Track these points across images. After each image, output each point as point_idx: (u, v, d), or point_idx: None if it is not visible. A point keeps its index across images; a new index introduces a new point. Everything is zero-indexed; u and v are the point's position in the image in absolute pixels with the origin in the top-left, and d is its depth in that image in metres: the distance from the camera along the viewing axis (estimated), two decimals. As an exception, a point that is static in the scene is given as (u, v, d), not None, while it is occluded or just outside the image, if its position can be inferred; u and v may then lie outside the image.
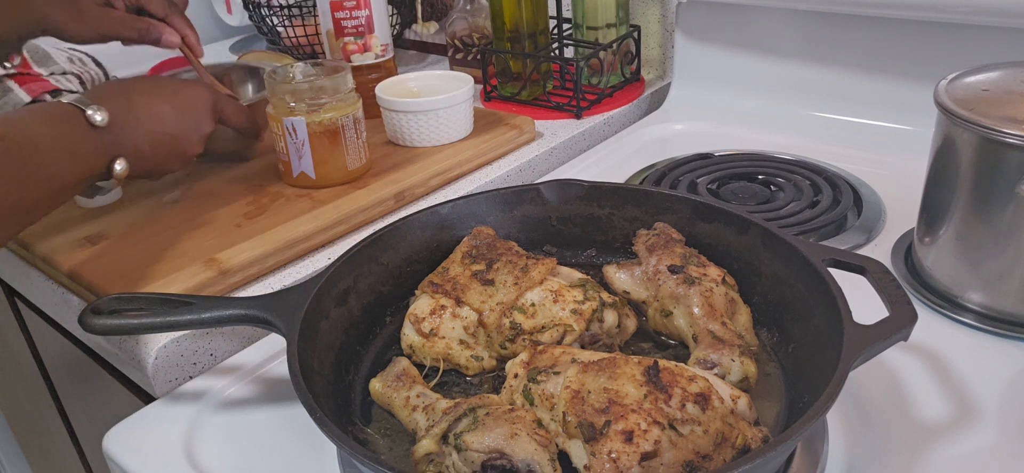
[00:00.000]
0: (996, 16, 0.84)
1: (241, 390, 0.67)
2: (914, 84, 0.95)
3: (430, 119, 0.99)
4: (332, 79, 0.88)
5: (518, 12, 1.10)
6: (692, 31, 1.14)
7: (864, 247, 0.79)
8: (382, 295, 0.69)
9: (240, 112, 0.88)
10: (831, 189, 0.88)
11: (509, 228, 0.74)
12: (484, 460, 0.49)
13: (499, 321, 0.62)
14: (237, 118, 0.88)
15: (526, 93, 1.16)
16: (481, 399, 0.53)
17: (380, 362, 0.65)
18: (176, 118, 0.78)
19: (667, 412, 0.48)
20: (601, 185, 0.74)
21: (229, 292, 0.76)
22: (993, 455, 0.54)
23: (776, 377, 0.60)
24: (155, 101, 0.77)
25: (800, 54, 1.05)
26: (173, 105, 0.78)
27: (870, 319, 0.51)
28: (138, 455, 0.60)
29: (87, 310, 0.61)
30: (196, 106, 0.80)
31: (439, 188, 0.94)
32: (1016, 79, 0.66)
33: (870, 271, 0.57)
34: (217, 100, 0.84)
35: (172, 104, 0.78)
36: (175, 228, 0.83)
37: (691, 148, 1.03)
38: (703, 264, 0.65)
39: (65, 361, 0.98)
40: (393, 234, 0.70)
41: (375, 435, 0.57)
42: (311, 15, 1.38)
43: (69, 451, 1.22)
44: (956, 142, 0.65)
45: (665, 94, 1.20)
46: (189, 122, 0.79)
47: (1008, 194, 0.62)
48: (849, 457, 0.55)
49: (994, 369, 0.62)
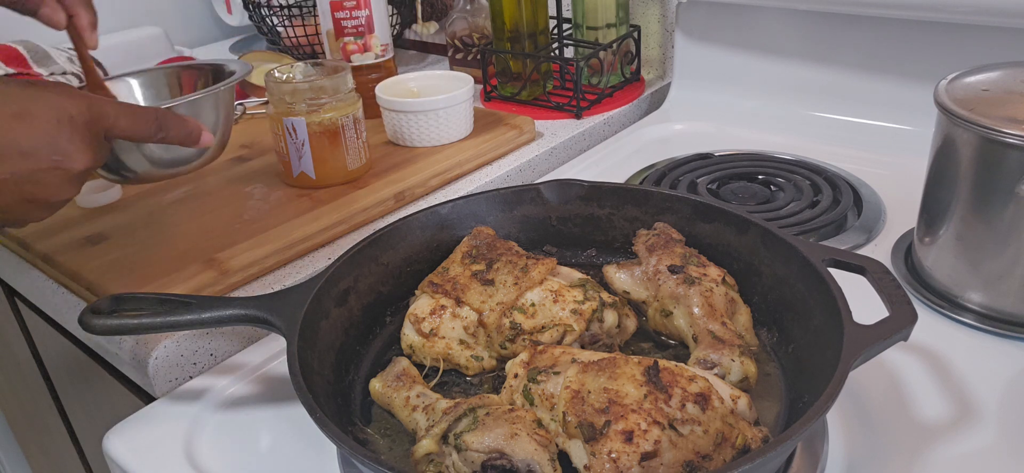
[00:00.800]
0: (996, 16, 0.84)
1: (241, 390, 0.67)
2: (914, 84, 0.95)
3: (430, 119, 0.99)
4: (332, 79, 0.88)
5: (518, 12, 1.10)
6: (692, 31, 1.14)
7: (864, 247, 0.79)
8: (382, 295, 0.69)
9: (142, 120, 0.61)
10: (831, 189, 0.88)
11: (509, 228, 0.74)
12: (484, 460, 0.49)
13: (499, 321, 0.62)
14: (138, 127, 0.61)
15: (526, 93, 1.16)
16: (481, 399, 0.53)
17: (380, 362, 0.65)
18: (18, 149, 0.54)
19: (667, 412, 0.48)
20: (601, 185, 0.74)
21: (229, 292, 0.75)
22: (993, 455, 0.54)
23: (776, 377, 0.60)
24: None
25: (800, 54, 1.05)
26: (12, 130, 0.54)
27: (870, 319, 0.51)
28: (138, 455, 0.60)
29: (87, 310, 0.61)
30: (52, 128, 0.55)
31: (439, 188, 0.94)
32: (1016, 79, 0.66)
33: (870, 271, 0.57)
34: (97, 113, 0.58)
35: (10, 128, 0.54)
36: (175, 228, 0.83)
37: (691, 148, 1.03)
38: (703, 264, 0.65)
39: (65, 361, 0.98)
40: (393, 234, 0.70)
41: (375, 435, 0.57)
42: (311, 15, 1.38)
43: (69, 451, 1.22)
44: (956, 142, 0.65)
45: (665, 94, 1.20)
46: (42, 153, 0.55)
47: (1008, 194, 0.62)
48: (849, 457, 0.55)
49: (994, 369, 0.62)
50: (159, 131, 0.62)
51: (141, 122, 0.61)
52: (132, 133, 0.61)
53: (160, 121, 0.62)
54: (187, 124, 0.65)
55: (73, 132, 0.56)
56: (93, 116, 0.57)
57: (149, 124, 0.61)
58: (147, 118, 0.61)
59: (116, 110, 0.59)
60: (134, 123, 0.60)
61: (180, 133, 0.64)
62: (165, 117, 0.63)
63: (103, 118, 0.58)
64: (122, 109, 0.60)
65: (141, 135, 0.61)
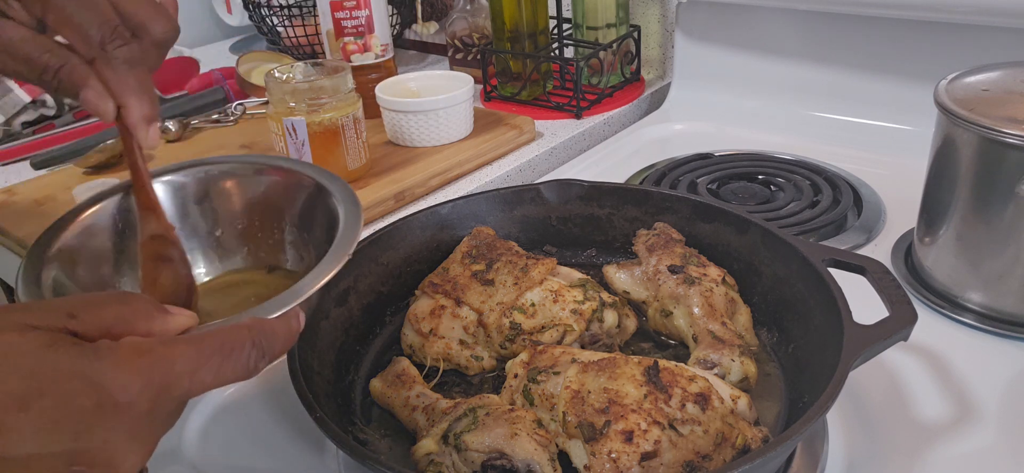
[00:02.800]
0: (996, 16, 0.84)
1: (241, 390, 0.67)
2: (914, 84, 0.95)
3: (430, 119, 0.99)
4: (332, 79, 0.88)
5: (518, 12, 1.10)
6: (692, 31, 1.14)
7: (864, 247, 0.79)
8: (382, 295, 0.69)
9: (233, 360, 0.37)
10: (831, 189, 0.88)
11: (509, 228, 0.74)
12: (484, 460, 0.49)
13: (499, 321, 0.62)
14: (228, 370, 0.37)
15: (526, 93, 1.16)
16: (481, 399, 0.53)
17: (380, 362, 0.65)
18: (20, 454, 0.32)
19: (667, 412, 0.48)
20: (601, 185, 0.74)
21: (229, 292, 0.75)
22: (993, 455, 0.54)
23: (776, 377, 0.60)
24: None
25: (800, 54, 1.05)
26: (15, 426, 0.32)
27: (870, 319, 0.51)
28: (138, 455, 0.60)
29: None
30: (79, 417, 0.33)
31: (439, 188, 0.94)
32: (1016, 79, 0.66)
33: (870, 271, 0.57)
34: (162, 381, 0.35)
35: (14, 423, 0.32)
36: (175, 228, 0.83)
37: (691, 148, 1.03)
38: (703, 264, 0.65)
39: (65, 361, 0.98)
40: (393, 234, 0.70)
41: (375, 435, 0.57)
42: (311, 15, 1.38)
43: (69, 451, 1.22)
44: (956, 142, 0.65)
45: (665, 94, 1.20)
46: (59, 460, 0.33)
47: (1008, 194, 0.62)
48: (849, 457, 0.55)
49: (994, 369, 0.62)
50: (260, 360, 0.39)
51: (232, 363, 0.37)
52: (223, 380, 0.37)
53: (258, 345, 0.39)
54: (289, 325, 0.42)
55: (117, 422, 0.34)
56: (158, 390, 0.34)
57: (245, 361, 0.38)
58: (239, 352, 0.38)
59: (192, 359, 0.36)
60: (222, 368, 0.37)
61: (282, 347, 0.41)
62: (262, 335, 0.39)
63: (173, 386, 0.35)
64: (201, 351, 0.36)
65: (236, 377, 0.38)
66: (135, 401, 0.34)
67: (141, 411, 0.34)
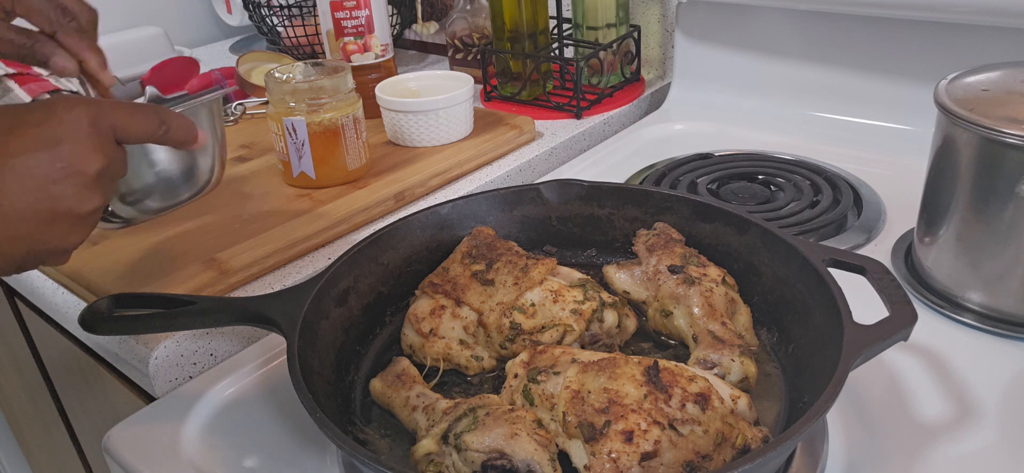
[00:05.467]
0: (996, 16, 0.84)
1: (241, 390, 0.67)
2: (914, 84, 0.95)
3: (430, 119, 0.99)
4: (332, 79, 0.88)
5: (518, 12, 1.10)
6: (692, 31, 1.14)
7: (864, 247, 0.79)
8: (382, 295, 0.69)
9: (144, 114, 0.57)
10: (831, 189, 0.88)
11: (509, 228, 0.74)
12: (484, 460, 0.49)
13: (499, 321, 0.62)
14: (142, 122, 0.56)
15: (526, 93, 1.16)
16: (481, 399, 0.53)
17: (380, 362, 0.65)
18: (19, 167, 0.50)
19: (667, 412, 0.48)
20: (601, 185, 0.74)
21: (229, 292, 0.75)
22: (993, 455, 0.54)
23: (776, 377, 0.60)
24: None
25: (800, 54, 1.05)
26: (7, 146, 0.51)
27: (870, 319, 0.51)
28: (138, 455, 0.60)
29: (87, 310, 0.61)
30: (54, 135, 0.52)
31: (439, 188, 0.94)
32: (1016, 79, 0.66)
33: (870, 271, 0.57)
34: (96, 112, 0.53)
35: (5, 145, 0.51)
36: (175, 228, 0.83)
37: (691, 148, 1.03)
38: (703, 264, 0.65)
39: (65, 361, 0.98)
40: (393, 234, 0.70)
41: (375, 435, 0.57)
42: (311, 15, 1.38)
43: (69, 451, 1.22)
44: (956, 142, 0.65)
45: (665, 94, 1.20)
46: (59, 164, 0.51)
47: (1008, 194, 0.62)
48: (849, 457, 0.55)
49: (994, 369, 0.62)
50: (161, 125, 0.57)
51: (144, 116, 0.56)
52: (136, 127, 0.56)
53: (161, 116, 0.58)
54: (186, 120, 0.60)
55: (77, 135, 0.52)
56: (94, 116, 0.53)
57: (152, 119, 0.57)
58: (148, 113, 0.57)
59: (116, 106, 0.55)
60: (137, 117, 0.56)
61: (182, 128, 0.59)
62: (165, 112, 0.59)
63: (105, 116, 0.54)
64: (122, 105, 0.56)
65: (145, 130, 0.57)
66: (79, 118, 0.52)
67: (87, 124, 0.53)
